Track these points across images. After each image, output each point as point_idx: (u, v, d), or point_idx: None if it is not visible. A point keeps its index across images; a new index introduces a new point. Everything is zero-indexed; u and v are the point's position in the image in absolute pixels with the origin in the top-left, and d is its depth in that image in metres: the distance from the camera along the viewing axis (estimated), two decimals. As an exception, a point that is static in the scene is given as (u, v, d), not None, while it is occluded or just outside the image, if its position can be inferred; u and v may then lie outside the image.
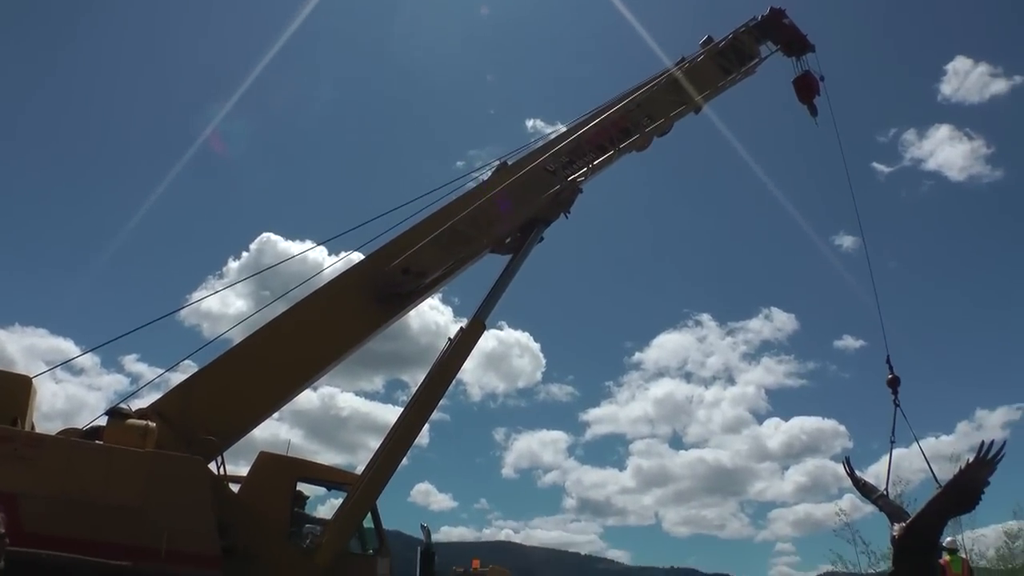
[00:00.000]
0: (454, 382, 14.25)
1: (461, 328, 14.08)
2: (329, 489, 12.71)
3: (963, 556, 17.79)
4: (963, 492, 16.27)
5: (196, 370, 11.78)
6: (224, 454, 11.17)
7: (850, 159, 21.36)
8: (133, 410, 10.92)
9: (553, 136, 16.67)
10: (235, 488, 11.33)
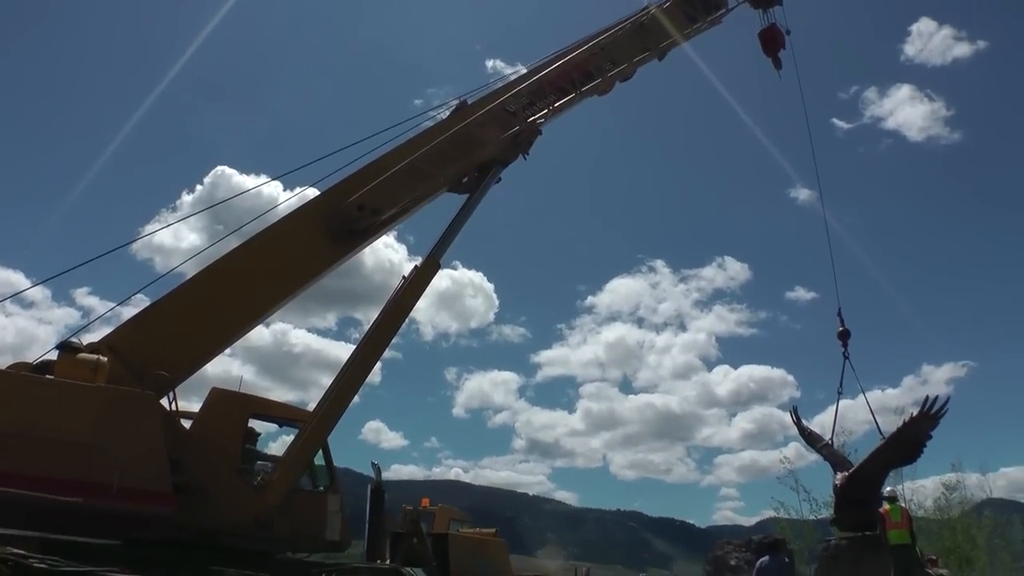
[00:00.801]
0: (407, 321, 14.48)
1: (415, 267, 14.25)
2: (280, 426, 12.82)
3: (903, 505, 18.46)
4: (906, 444, 16.98)
5: (148, 304, 11.80)
6: (176, 389, 11.21)
7: (811, 114, 21.69)
8: (84, 344, 10.92)
9: (513, 77, 16.73)
10: (187, 424, 11.40)
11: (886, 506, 16.39)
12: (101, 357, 10.50)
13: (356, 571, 13.74)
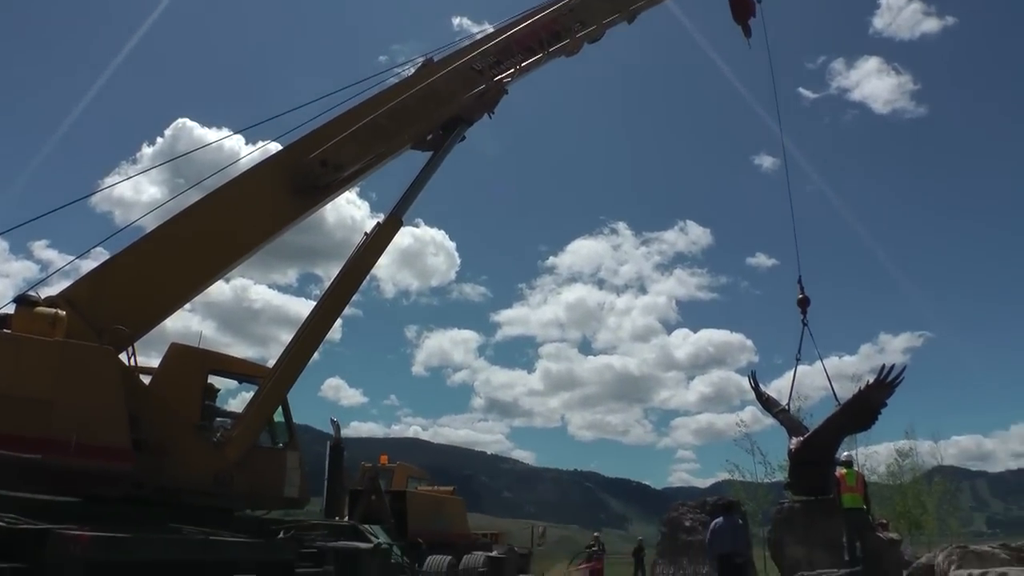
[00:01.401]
0: (368, 278, 14.57)
1: (377, 223, 14.29)
2: (240, 382, 12.84)
3: (858, 470, 18.96)
4: (861, 411, 17.39)
5: (108, 258, 11.71)
6: (135, 345, 11.18)
7: (778, 83, 22.01)
8: (42, 298, 10.83)
9: (480, 36, 16.70)
10: (145, 380, 11.37)
11: (842, 470, 16.86)
12: (59, 311, 10.42)
13: (315, 528, 13.95)
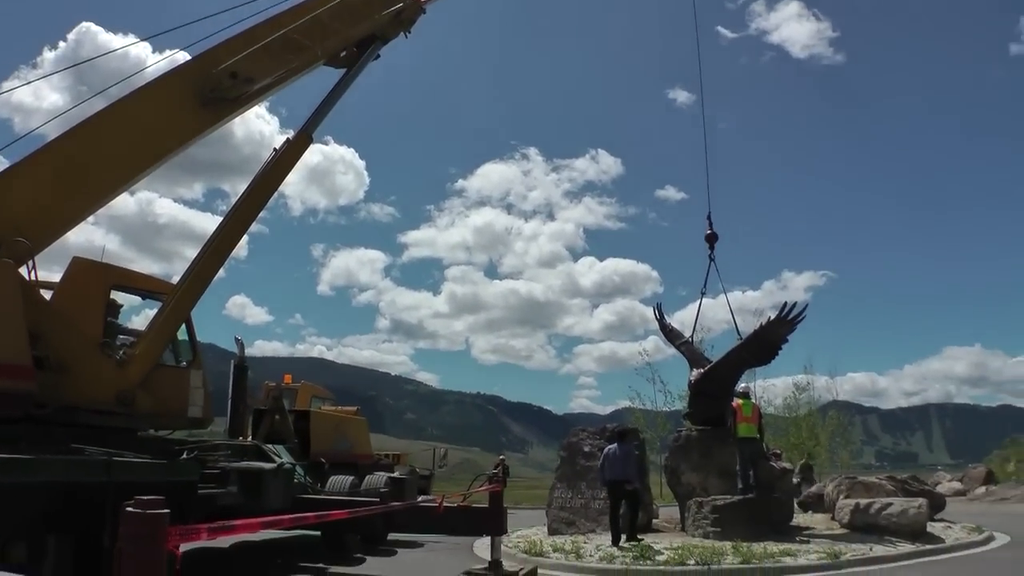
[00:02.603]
0: (275, 195, 14.55)
1: (287, 140, 14.22)
2: (144, 299, 12.68)
3: (754, 402, 19.75)
4: (762, 346, 18.09)
5: (6, 167, 11.44)
6: (35, 258, 10.94)
7: (698, 19, 22.37)
8: (-63, 208, 10.54)
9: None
10: (47, 296, 11.21)
11: (738, 401, 17.57)
12: (-45, 222, 10.21)
13: (218, 448, 14.08)
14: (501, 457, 35.68)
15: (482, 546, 15.58)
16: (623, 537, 15.69)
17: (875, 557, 14.02)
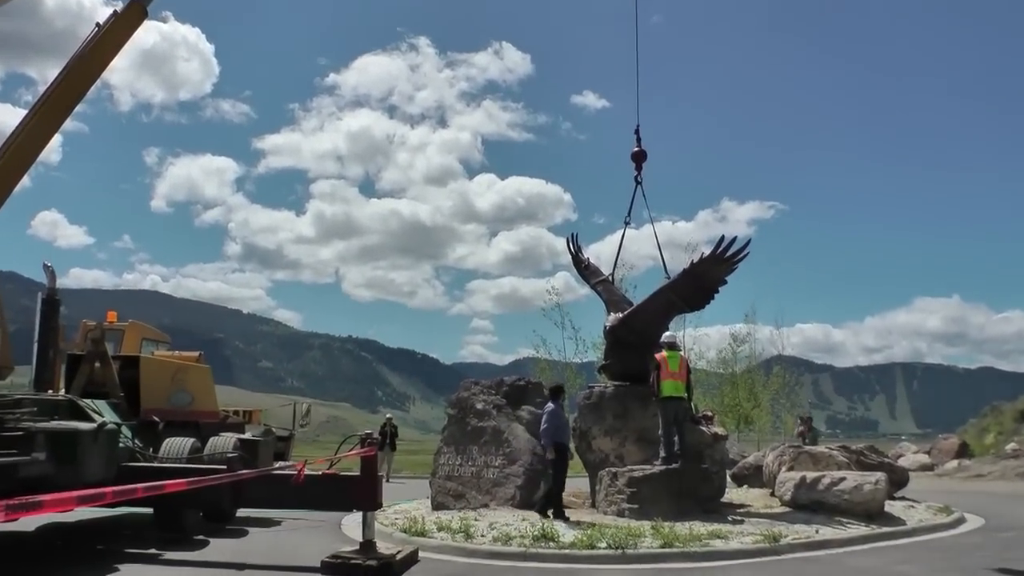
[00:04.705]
0: (97, 83, 14.21)
1: (114, 12, 13.93)
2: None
3: (683, 354, 20.05)
4: (694, 288, 18.19)
5: None
6: None
7: None
8: None
9: None
10: None
11: (663, 353, 17.58)
12: None
13: (20, 403, 13.79)
14: (388, 416, 35.81)
15: (352, 524, 15.68)
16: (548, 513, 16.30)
17: (821, 541, 14.33)
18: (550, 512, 16.30)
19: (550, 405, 17.07)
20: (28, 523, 15.93)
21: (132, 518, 17.53)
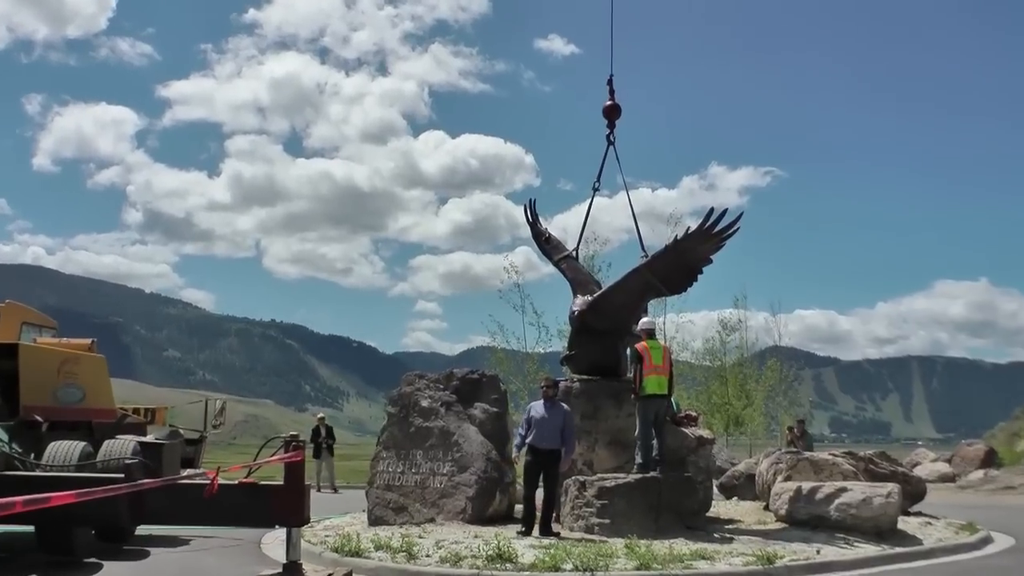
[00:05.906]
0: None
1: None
2: None
3: (665, 344, 20.10)
4: (676, 267, 18.07)
5: None
6: None
7: None
8: None
9: None
10: None
11: (645, 342, 17.52)
12: None
13: None
14: (320, 416, 35.77)
15: (274, 542, 15.67)
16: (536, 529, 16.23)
17: (823, 563, 14.35)
18: (560, 530, 16.37)
19: (563, 405, 17.03)
20: None
21: (10, 537, 17.38)
